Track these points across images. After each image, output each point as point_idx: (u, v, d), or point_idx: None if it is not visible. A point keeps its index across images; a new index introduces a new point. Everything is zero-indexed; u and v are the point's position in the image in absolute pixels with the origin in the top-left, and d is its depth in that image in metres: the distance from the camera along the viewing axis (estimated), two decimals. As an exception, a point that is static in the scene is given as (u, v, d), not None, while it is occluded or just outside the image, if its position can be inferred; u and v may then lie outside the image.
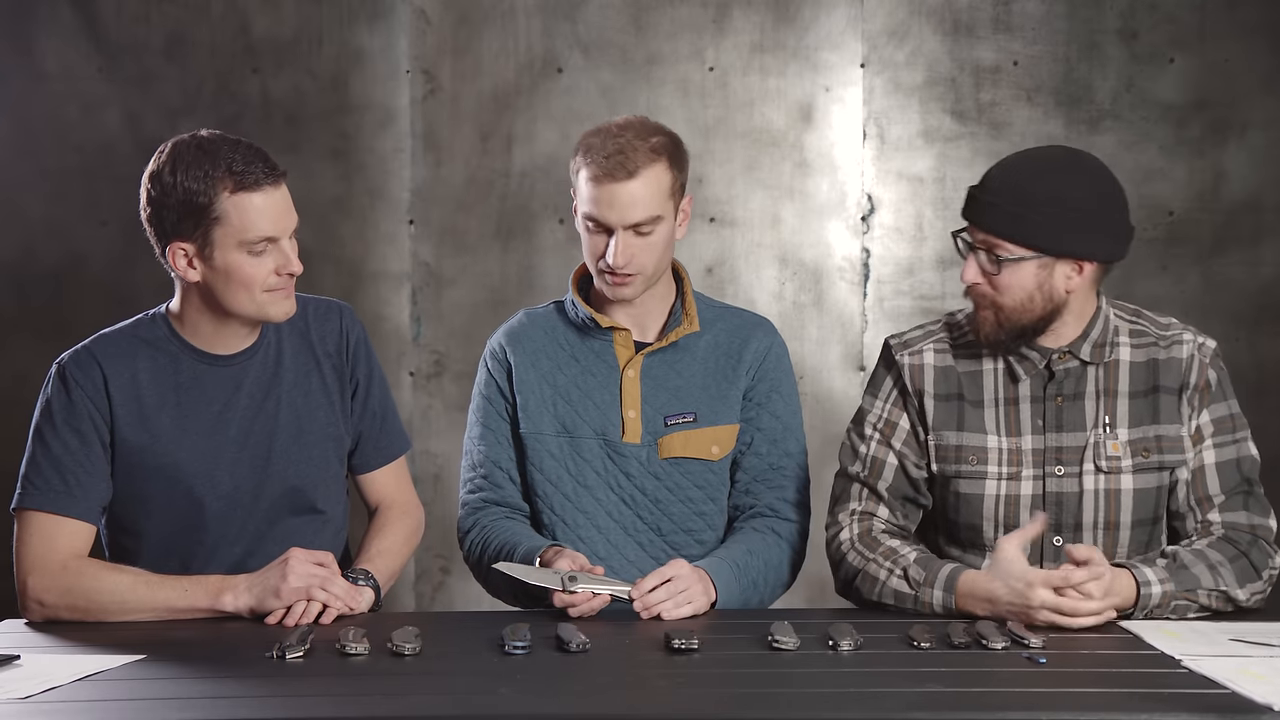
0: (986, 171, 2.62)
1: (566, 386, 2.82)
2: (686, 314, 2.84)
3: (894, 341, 2.76)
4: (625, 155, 2.67)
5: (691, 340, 2.84)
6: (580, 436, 2.80)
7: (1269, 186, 4.59)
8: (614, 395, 2.81)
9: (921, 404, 2.70)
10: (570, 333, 2.85)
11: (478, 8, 4.58)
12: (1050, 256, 2.55)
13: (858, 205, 4.61)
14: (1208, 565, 2.52)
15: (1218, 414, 2.66)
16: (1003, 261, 2.55)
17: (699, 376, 2.82)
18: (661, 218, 2.72)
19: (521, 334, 2.88)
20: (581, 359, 2.83)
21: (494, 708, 1.99)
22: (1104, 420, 2.64)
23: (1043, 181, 2.54)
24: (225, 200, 2.52)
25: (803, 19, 4.58)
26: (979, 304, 2.61)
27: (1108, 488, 2.63)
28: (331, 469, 2.76)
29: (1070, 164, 2.59)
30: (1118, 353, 2.66)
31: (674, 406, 2.81)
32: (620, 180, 2.68)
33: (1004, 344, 2.62)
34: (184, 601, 2.52)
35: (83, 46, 4.56)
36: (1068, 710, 1.95)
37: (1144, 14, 4.57)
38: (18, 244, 4.59)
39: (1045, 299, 2.57)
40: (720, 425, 2.82)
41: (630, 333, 2.82)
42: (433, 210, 4.60)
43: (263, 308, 2.59)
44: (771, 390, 2.85)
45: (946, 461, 2.68)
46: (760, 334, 2.88)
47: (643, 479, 2.80)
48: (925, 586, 2.54)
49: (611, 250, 2.70)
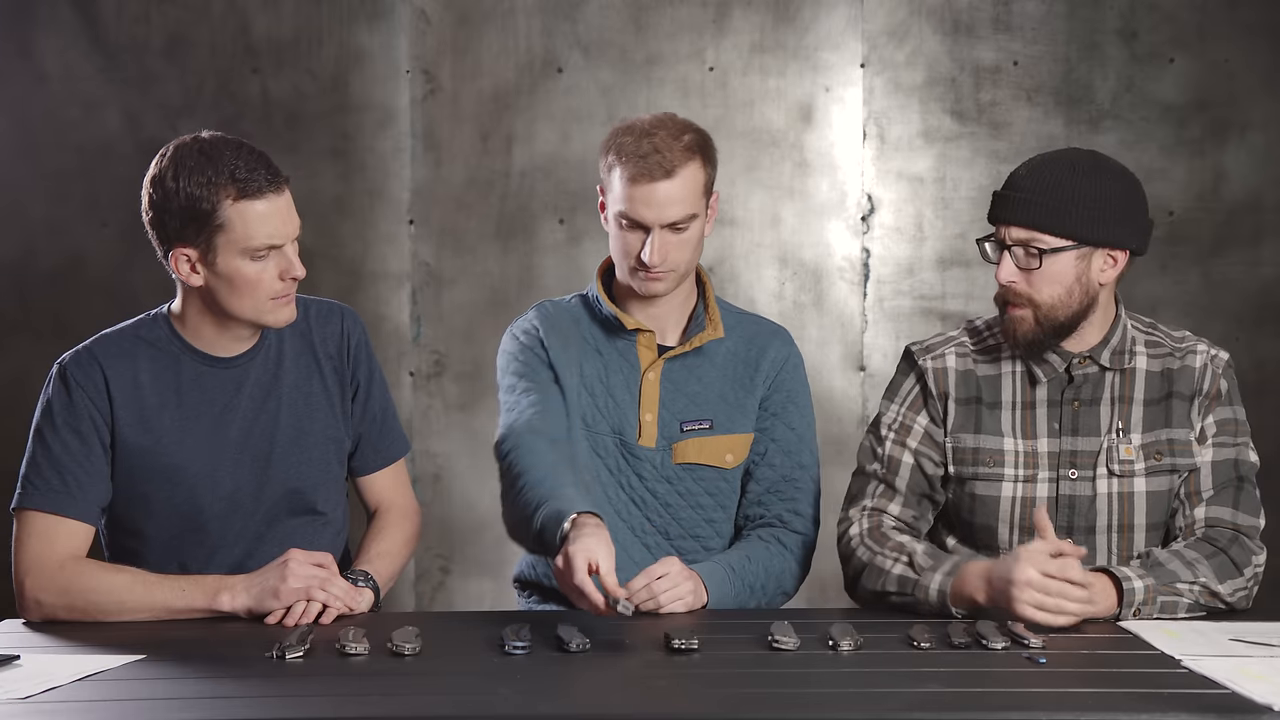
0: (1012, 174, 2.65)
1: (591, 380, 2.81)
2: (710, 319, 2.83)
3: (915, 348, 2.79)
4: (662, 155, 2.68)
5: (713, 346, 2.84)
6: (598, 433, 2.80)
7: (1269, 186, 4.60)
8: (633, 396, 2.81)
9: (945, 407, 2.72)
10: (595, 328, 2.85)
11: (478, 8, 4.58)
12: (1089, 246, 2.59)
13: (858, 205, 4.61)
14: (1184, 562, 2.54)
15: (1222, 416, 2.69)
16: (1044, 254, 2.57)
17: (716, 384, 2.83)
18: (696, 215, 2.73)
19: (553, 319, 2.85)
20: (605, 354, 2.83)
21: (494, 708, 1.99)
22: (1118, 425, 2.66)
23: (1078, 177, 2.58)
24: (228, 208, 2.51)
25: (803, 19, 4.58)
26: (1015, 304, 2.63)
27: (1121, 491, 2.65)
28: (332, 471, 2.76)
29: (1098, 162, 2.64)
30: (1135, 361, 2.69)
31: (691, 412, 2.81)
32: (658, 180, 2.68)
33: (1040, 344, 2.64)
34: (181, 602, 2.52)
35: (83, 47, 4.56)
36: (1068, 710, 1.95)
37: (1144, 14, 4.57)
38: (18, 244, 4.59)
39: (1083, 291, 2.61)
40: (736, 434, 2.82)
41: (654, 335, 2.82)
42: (433, 210, 4.60)
43: (263, 314, 2.59)
44: (787, 401, 2.86)
45: (964, 464, 2.70)
46: (778, 343, 2.88)
47: (655, 482, 2.81)
48: (929, 572, 2.54)
49: (649, 249, 2.70)
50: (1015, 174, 2.65)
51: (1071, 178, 2.58)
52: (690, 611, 2.60)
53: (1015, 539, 2.67)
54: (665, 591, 2.56)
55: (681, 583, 2.58)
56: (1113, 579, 2.48)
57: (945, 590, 2.51)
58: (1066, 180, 2.58)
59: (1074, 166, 2.60)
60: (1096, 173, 2.60)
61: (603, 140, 2.79)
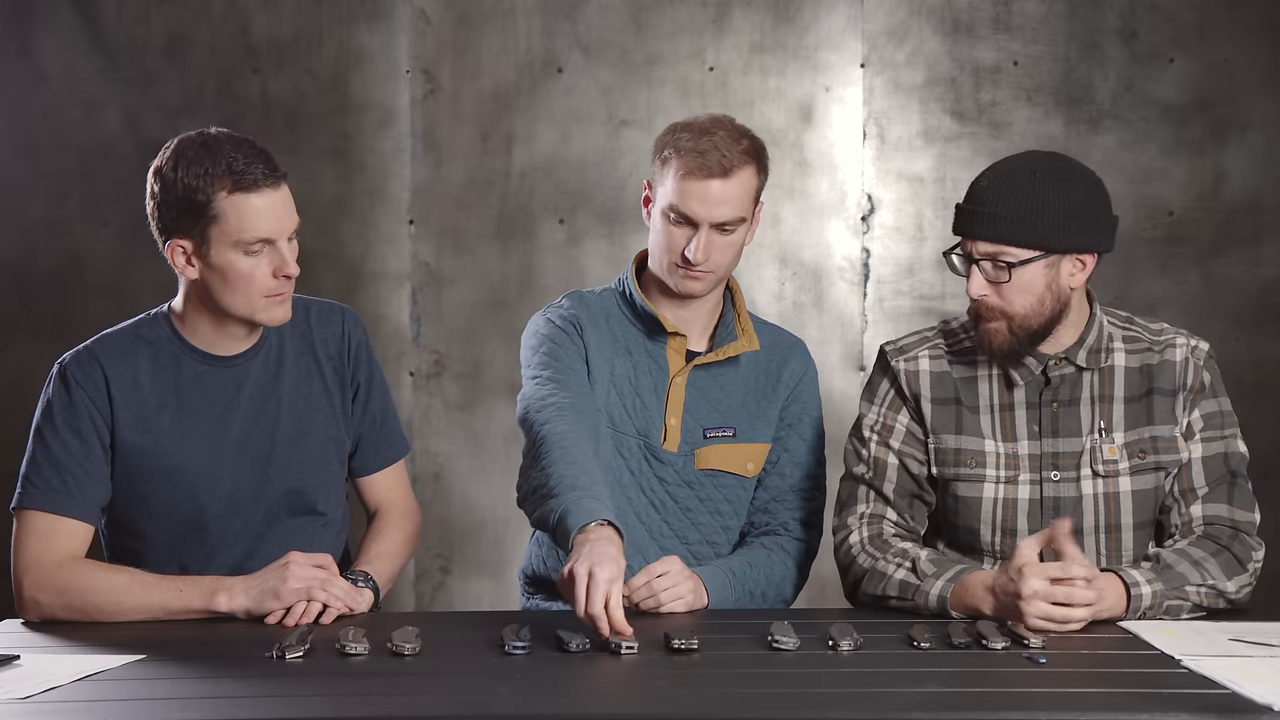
0: (974, 185, 2.62)
1: (621, 380, 2.80)
2: (743, 329, 2.83)
3: (889, 348, 2.78)
4: (721, 154, 2.69)
5: (742, 356, 2.84)
6: (624, 433, 2.79)
7: (1269, 186, 4.59)
8: (660, 399, 2.80)
9: (919, 407, 2.71)
10: (628, 326, 2.83)
11: (478, 8, 4.58)
12: (1056, 254, 2.56)
13: (858, 205, 4.61)
14: (1192, 562, 2.53)
15: (1208, 410, 2.67)
16: (1012, 267, 2.56)
17: (740, 393, 2.84)
18: (744, 220, 2.74)
19: (590, 311, 2.83)
20: (636, 355, 2.82)
21: (494, 708, 1.99)
22: (1100, 425, 2.65)
23: (1040, 185, 2.55)
24: (223, 199, 2.52)
25: (803, 19, 4.58)
26: (987, 317, 2.61)
27: (1106, 491, 2.64)
28: (332, 471, 2.76)
29: (1058, 165, 2.60)
30: (1113, 358, 2.68)
31: (714, 420, 2.81)
32: (715, 177, 2.69)
33: (1017, 353, 2.62)
34: (179, 602, 2.52)
35: (83, 47, 4.56)
36: (1068, 710, 1.95)
37: (1144, 14, 4.57)
38: (18, 244, 4.59)
39: (1054, 298, 2.59)
40: (757, 443, 2.83)
41: (686, 339, 2.82)
42: (433, 210, 4.60)
43: (256, 312, 2.59)
44: (803, 413, 2.88)
45: (945, 464, 2.70)
46: (798, 355, 2.90)
47: (675, 487, 2.81)
48: (931, 579, 2.53)
49: (694, 245, 2.70)
50: (977, 185, 2.61)
51: (1034, 186, 2.55)
52: (690, 611, 2.60)
53: (997, 541, 2.66)
54: (665, 590, 2.57)
55: (681, 582, 2.59)
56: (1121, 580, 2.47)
57: (945, 596, 2.51)
58: (1029, 190, 2.55)
59: (1035, 174, 2.56)
60: (1058, 179, 2.56)
61: (658, 136, 2.79)
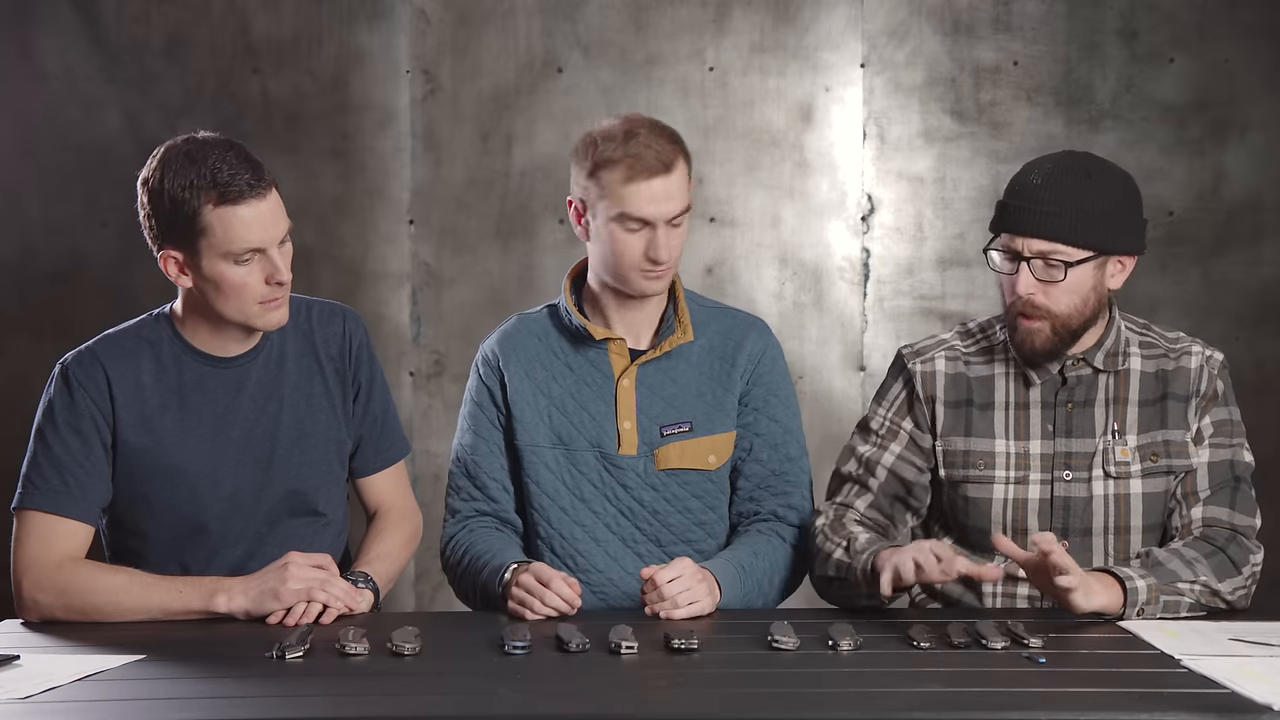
0: (1021, 183, 2.62)
1: (562, 397, 2.80)
2: (680, 321, 2.81)
3: (906, 350, 2.79)
4: (655, 151, 2.68)
5: (685, 347, 2.82)
6: (576, 449, 2.78)
7: (1269, 186, 4.60)
8: (609, 406, 2.79)
9: (932, 410, 2.72)
10: (564, 341, 2.82)
11: (478, 8, 4.58)
12: (1106, 255, 2.60)
13: (858, 205, 4.61)
14: (1183, 561, 2.54)
15: (1218, 417, 2.69)
16: (1068, 266, 2.57)
17: (694, 384, 2.81)
18: (689, 208, 2.74)
19: (516, 341, 2.84)
20: (576, 368, 2.81)
21: (494, 708, 1.99)
22: (1113, 427, 2.67)
23: (1095, 186, 2.58)
24: (209, 213, 2.51)
25: (803, 19, 4.58)
26: (1031, 315, 2.61)
27: (1117, 493, 2.66)
28: (333, 472, 2.76)
29: (1104, 167, 2.64)
30: (1129, 362, 2.70)
31: (670, 416, 2.79)
32: (658, 175, 2.68)
33: (1054, 353, 2.64)
34: (178, 603, 2.52)
35: (83, 46, 4.56)
36: (1068, 710, 1.95)
37: (1144, 14, 4.57)
38: (18, 244, 4.59)
39: (1096, 299, 2.62)
40: (717, 434, 2.80)
41: (625, 341, 2.80)
42: (433, 210, 4.60)
43: (252, 318, 2.59)
44: (769, 394, 2.83)
45: (955, 467, 2.71)
46: (754, 335, 2.85)
47: (640, 490, 2.79)
48: (859, 554, 2.56)
49: (659, 245, 2.69)
50: (1028, 183, 2.61)
51: (1088, 187, 2.58)
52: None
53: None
54: (680, 593, 2.53)
55: (696, 585, 2.55)
56: (1115, 579, 2.48)
57: (867, 568, 2.53)
58: (1086, 189, 2.58)
59: (1088, 174, 2.59)
60: (1107, 180, 2.60)
61: (575, 149, 2.74)
